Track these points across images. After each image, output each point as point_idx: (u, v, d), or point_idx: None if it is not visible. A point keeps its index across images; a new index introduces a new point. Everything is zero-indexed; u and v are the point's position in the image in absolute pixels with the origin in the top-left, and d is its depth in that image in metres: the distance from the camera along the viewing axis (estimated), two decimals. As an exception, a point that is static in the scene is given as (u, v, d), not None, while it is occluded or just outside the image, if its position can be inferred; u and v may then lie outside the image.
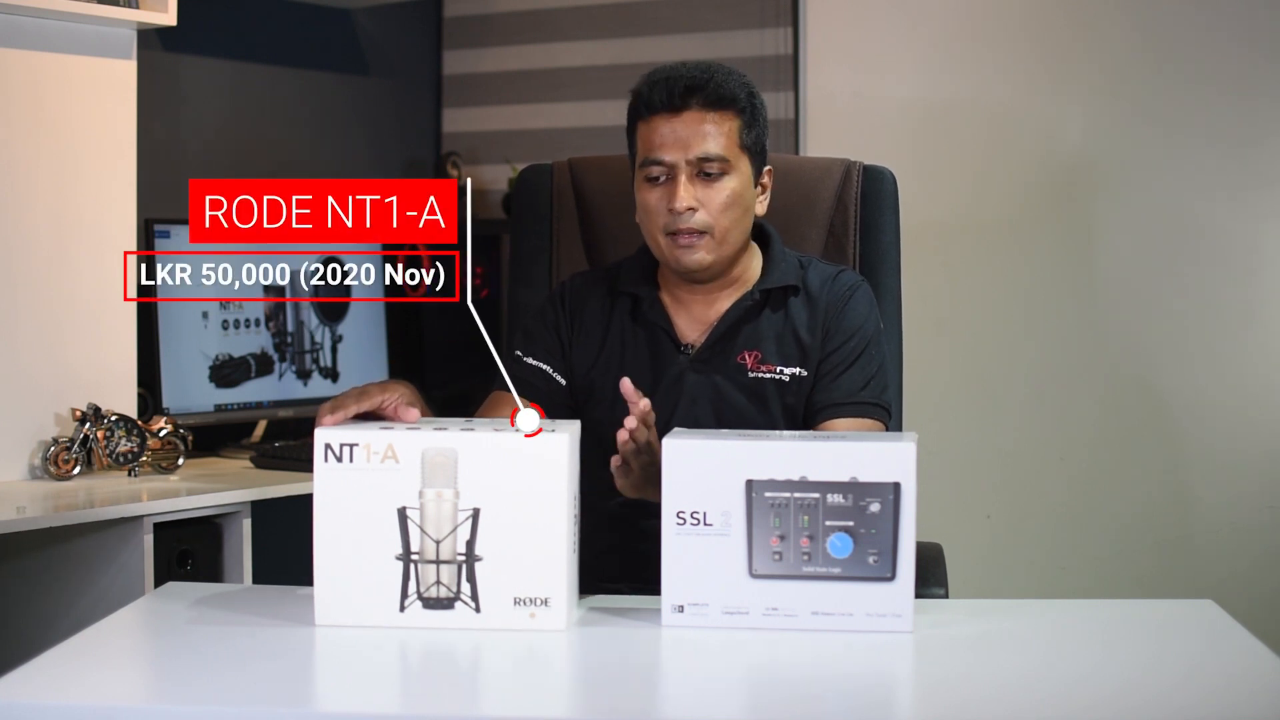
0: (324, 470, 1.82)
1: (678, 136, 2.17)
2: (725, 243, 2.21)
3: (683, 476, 1.82)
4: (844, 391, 2.23)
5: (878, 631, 1.80)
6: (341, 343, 3.62)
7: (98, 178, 3.12)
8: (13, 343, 3.01)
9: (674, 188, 2.18)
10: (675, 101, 2.17)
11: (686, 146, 2.17)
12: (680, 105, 2.18)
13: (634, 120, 2.23)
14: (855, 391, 2.23)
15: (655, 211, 2.20)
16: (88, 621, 1.86)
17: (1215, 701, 1.59)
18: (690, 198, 2.17)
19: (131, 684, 1.72)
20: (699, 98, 2.18)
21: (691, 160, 2.17)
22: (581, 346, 2.31)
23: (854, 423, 2.22)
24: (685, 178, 2.17)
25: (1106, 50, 3.63)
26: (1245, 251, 3.54)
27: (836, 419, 2.22)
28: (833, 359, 2.24)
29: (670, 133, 2.18)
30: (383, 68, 4.38)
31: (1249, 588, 3.50)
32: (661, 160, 2.18)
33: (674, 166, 2.18)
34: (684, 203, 2.17)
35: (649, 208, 2.21)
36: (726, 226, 2.20)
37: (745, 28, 4.07)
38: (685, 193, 2.17)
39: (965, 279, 3.75)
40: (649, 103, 2.19)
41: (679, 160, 2.17)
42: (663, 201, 2.19)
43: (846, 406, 2.23)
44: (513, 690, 1.70)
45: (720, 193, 2.19)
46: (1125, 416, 3.64)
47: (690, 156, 2.17)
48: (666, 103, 2.18)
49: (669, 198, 2.18)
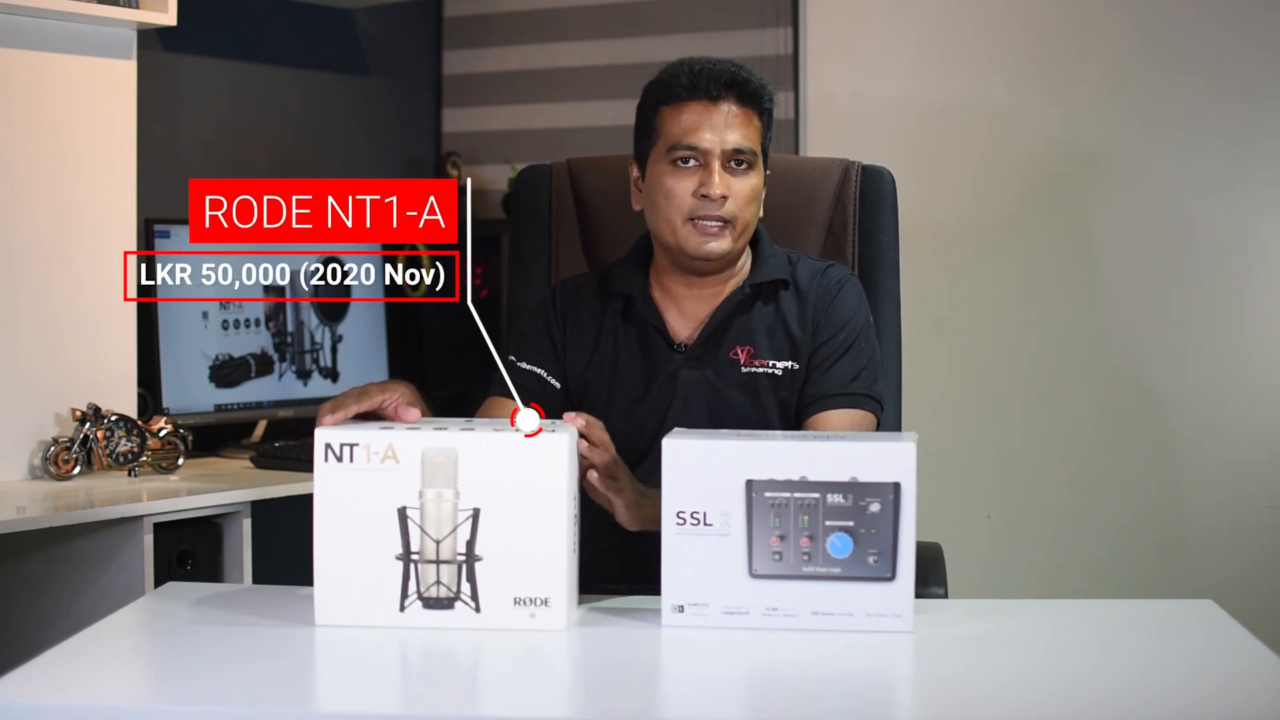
0: (324, 470, 1.82)
1: (714, 125, 2.20)
2: (744, 235, 2.24)
3: (683, 476, 1.82)
4: (835, 383, 2.24)
5: (878, 631, 1.80)
6: (341, 343, 3.62)
7: (98, 178, 3.12)
8: (13, 343, 3.01)
9: (707, 175, 2.19)
10: (715, 91, 2.20)
11: (724, 136, 2.19)
12: (719, 95, 2.20)
13: (658, 104, 2.24)
14: (846, 382, 2.24)
15: (679, 196, 2.21)
16: (88, 621, 1.86)
17: (1215, 701, 1.59)
18: (724, 186, 2.19)
19: (131, 684, 1.72)
20: (736, 92, 2.21)
21: (727, 150, 2.19)
22: (575, 349, 2.31)
23: (846, 414, 2.23)
24: (719, 164, 2.19)
25: (1105, 50, 3.63)
26: (1245, 251, 3.54)
27: (828, 410, 2.23)
28: (823, 351, 2.25)
29: (708, 119, 2.20)
30: (383, 68, 4.38)
31: (1249, 588, 3.50)
32: (697, 146, 2.20)
33: (708, 154, 2.19)
34: (719, 189, 2.19)
35: (672, 192, 2.21)
36: (748, 219, 2.23)
37: (745, 28, 4.07)
38: (721, 180, 2.19)
39: (964, 279, 3.75)
40: (688, 87, 2.21)
41: (715, 148, 2.19)
42: (690, 187, 2.20)
43: (838, 398, 2.23)
44: (513, 690, 1.70)
45: (747, 185, 2.21)
46: (1125, 416, 3.64)
47: (727, 146, 2.19)
48: (707, 90, 2.20)
49: (701, 184, 2.19)
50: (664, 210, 2.23)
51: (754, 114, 2.23)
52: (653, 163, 2.24)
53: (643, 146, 2.27)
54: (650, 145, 2.25)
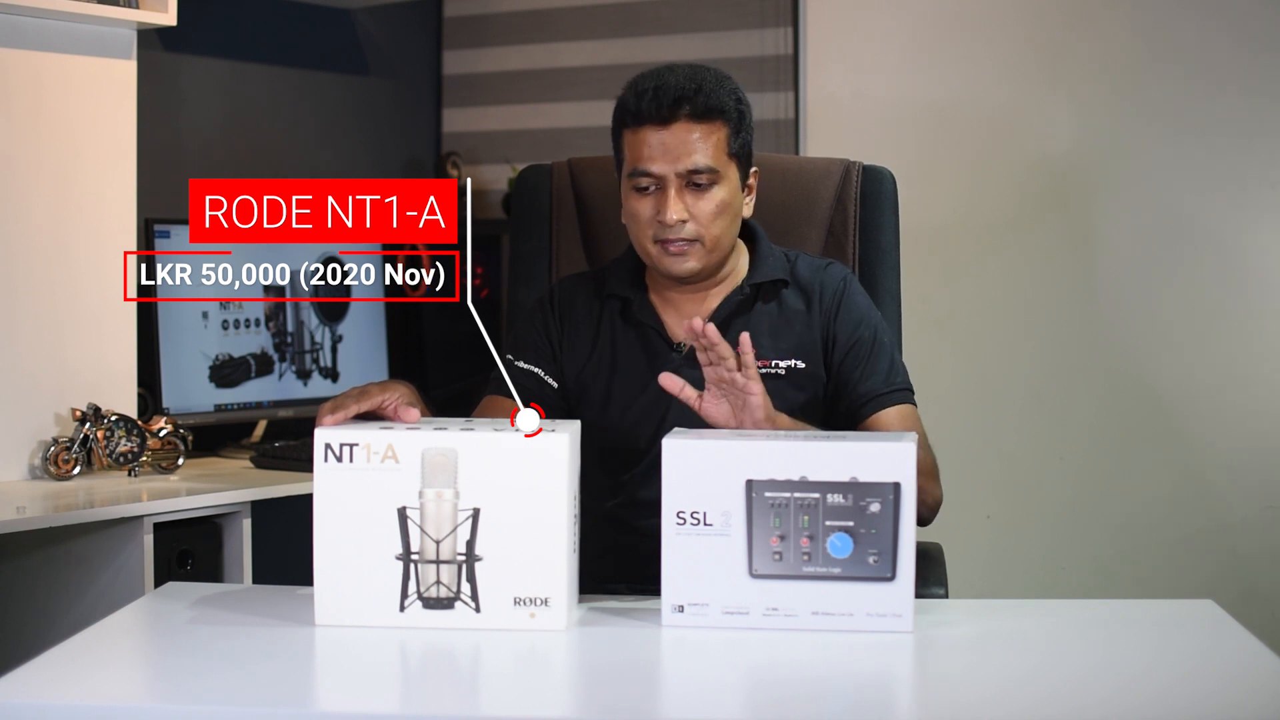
0: (324, 470, 1.82)
1: (666, 148, 2.15)
2: (715, 249, 2.21)
3: (683, 476, 1.82)
4: (880, 381, 2.23)
5: (878, 631, 1.80)
6: (341, 343, 3.62)
7: (98, 178, 3.11)
8: (13, 343, 3.01)
9: (663, 199, 2.16)
10: (664, 113, 2.15)
11: (675, 159, 2.15)
12: (669, 117, 2.15)
13: (620, 127, 2.21)
14: (888, 378, 2.24)
15: (644, 221, 2.19)
16: (88, 621, 1.86)
17: (1215, 701, 1.59)
18: (680, 210, 2.16)
19: (131, 684, 1.72)
20: (687, 109, 2.15)
21: (681, 172, 2.16)
22: (572, 349, 2.30)
23: (899, 410, 2.23)
24: (674, 190, 2.16)
25: (1105, 50, 3.63)
26: (1244, 250, 3.54)
27: (882, 410, 2.22)
28: (856, 351, 2.24)
29: (659, 144, 2.16)
30: (383, 68, 4.38)
31: (1249, 588, 3.50)
32: (650, 172, 2.16)
33: (663, 178, 2.16)
34: (674, 215, 2.16)
35: (638, 216, 2.20)
36: (716, 235, 2.20)
37: (745, 28, 4.07)
38: (675, 205, 2.16)
39: (965, 279, 3.75)
40: (637, 113, 2.17)
41: (668, 172, 2.16)
42: (651, 211, 2.18)
43: (887, 396, 2.23)
44: (513, 690, 1.70)
45: (710, 202, 2.17)
46: (1125, 417, 3.64)
47: (680, 169, 2.15)
48: (654, 114, 2.15)
49: (658, 208, 2.17)
50: (634, 232, 2.22)
51: (715, 124, 2.17)
52: (622, 183, 2.23)
53: (617, 164, 2.26)
54: (618, 164, 2.24)
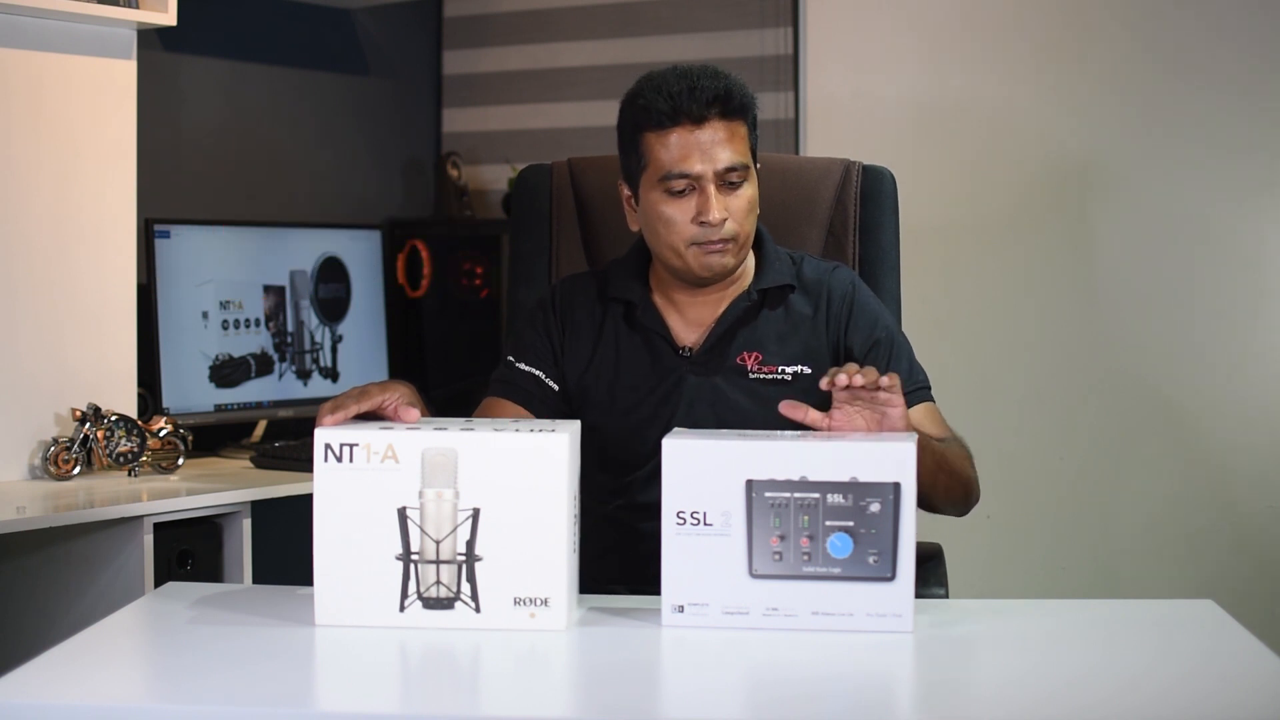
0: (324, 470, 1.82)
1: (703, 148, 2.15)
2: (745, 246, 2.22)
3: (683, 476, 1.82)
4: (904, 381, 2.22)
5: (878, 631, 1.80)
6: (341, 343, 3.62)
7: (98, 178, 3.11)
8: (13, 343, 3.01)
9: (704, 200, 2.15)
10: (699, 112, 2.14)
11: (713, 158, 2.15)
12: (702, 116, 2.15)
13: (640, 128, 2.18)
14: (911, 377, 2.24)
15: (679, 224, 2.17)
16: (88, 621, 1.86)
17: (1215, 701, 1.59)
18: (722, 208, 2.16)
19: (131, 684, 1.72)
20: (720, 109, 2.15)
21: (719, 171, 2.15)
22: (573, 351, 2.29)
23: (924, 408, 2.23)
24: (714, 189, 2.15)
25: (1106, 50, 3.63)
26: (1244, 251, 3.54)
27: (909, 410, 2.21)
28: (874, 356, 2.24)
29: (695, 145, 2.15)
30: (383, 68, 4.38)
31: (1249, 588, 3.50)
32: (689, 173, 2.15)
33: (702, 178, 2.15)
34: (719, 214, 2.15)
35: (671, 220, 2.17)
36: (748, 231, 2.20)
37: (745, 28, 4.07)
38: (718, 204, 2.15)
39: (965, 279, 3.75)
40: (669, 112, 2.14)
41: (707, 171, 2.15)
42: (688, 214, 2.16)
43: (912, 394, 2.21)
44: (513, 690, 1.70)
45: (742, 200, 2.18)
46: (1125, 416, 3.64)
47: (719, 167, 2.15)
48: (689, 114, 2.14)
49: (699, 210, 2.15)
50: (665, 237, 2.19)
51: (740, 124, 2.18)
52: (645, 189, 2.20)
53: (631, 168, 2.23)
54: (639, 169, 2.20)
